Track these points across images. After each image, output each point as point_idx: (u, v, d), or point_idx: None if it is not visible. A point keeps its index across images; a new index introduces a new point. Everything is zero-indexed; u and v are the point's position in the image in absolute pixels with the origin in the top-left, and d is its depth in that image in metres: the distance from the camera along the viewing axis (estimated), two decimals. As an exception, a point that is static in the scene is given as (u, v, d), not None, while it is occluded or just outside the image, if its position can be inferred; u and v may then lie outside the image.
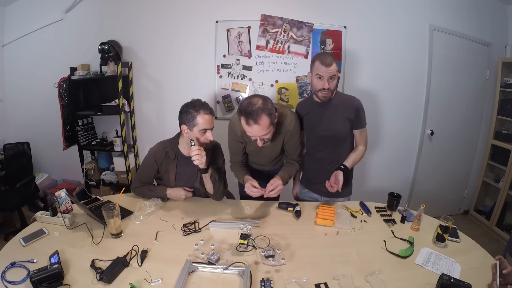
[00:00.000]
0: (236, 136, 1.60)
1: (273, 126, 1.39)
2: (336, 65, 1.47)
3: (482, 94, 2.80)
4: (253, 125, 1.30)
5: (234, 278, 1.07)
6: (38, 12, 2.73)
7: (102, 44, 2.44)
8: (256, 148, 1.57)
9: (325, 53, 1.53)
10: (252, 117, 1.28)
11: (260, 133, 1.34)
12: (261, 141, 1.40)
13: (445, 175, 2.96)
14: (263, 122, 1.29)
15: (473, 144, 2.96)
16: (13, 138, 2.85)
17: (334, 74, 1.46)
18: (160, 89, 2.71)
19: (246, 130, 1.37)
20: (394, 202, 1.54)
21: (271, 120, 1.33)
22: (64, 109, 2.65)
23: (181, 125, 1.48)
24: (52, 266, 1.01)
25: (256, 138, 1.38)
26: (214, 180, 1.53)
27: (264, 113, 1.29)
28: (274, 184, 1.45)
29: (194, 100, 1.47)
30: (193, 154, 1.38)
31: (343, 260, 1.17)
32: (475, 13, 2.56)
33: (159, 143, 1.66)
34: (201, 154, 1.39)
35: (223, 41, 2.52)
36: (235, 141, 1.63)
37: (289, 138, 1.57)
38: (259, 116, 1.28)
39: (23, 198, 2.52)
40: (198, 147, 1.40)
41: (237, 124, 1.52)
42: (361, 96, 1.64)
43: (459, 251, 1.23)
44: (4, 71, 2.97)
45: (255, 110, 1.28)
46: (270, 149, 1.63)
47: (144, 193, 1.66)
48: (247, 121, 1.31)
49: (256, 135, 1.36)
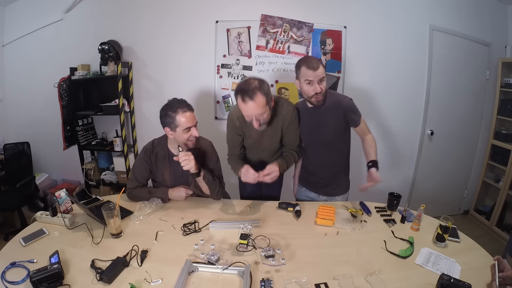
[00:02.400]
0: (234, 128, 1.61)
1: (269, 108, 1.41)
2: (323, 67, 1.43)
3: (482, 94, 2.80)
4: (249, 102, 1.33)
5: (234, 278, 1.07)
6: (38, 12, 2.73)
7: (102, 44, 2.44)
8: (255, 141, 1.57)
9: (309, 57, 1.47)
10: (248, 94, 1.32)
11: (256, 111, 1.36)
12: (257, 122, 1.41)
13: (445, 175, 2.96)
14: (258, 99, 1.33)
15: (473, 144, 2.96)
16: (13, 138, 2.86)
17: (322, 76, 1.41)
18: (160, 89, 2.71)
19: (242, 109, 1.39)
20: (394, 202, 1.54)
21: (267, 100, 1.36)
22: (64, 109, 2.65)
23: (164, 128, 1.49)
24: (52, 266, 1.01)
25: (252, 118, 1.40)
26: (208, 181, 1.54)
27: (259, 92, 1.33)
28: (270, 169, 1.44)
29: (170, 101, 1.47)
30: (181, 161, 1.39)
31: (343, 260, 1.17)
32: (475, 13, 2.56)
33: (151, 141, 1.66)
34: (189, 159, 1.39)
35: (223, 41, 2.52)
36: (234, 133, 1.64)
37: (288, 127, 1.58)
38: (255, 94, 1.32)
39: (23, 198, 2.52)
40: (185, 152, 1.40)
41: (236, 116, 1.57)
42: (361, 96, 1.65)
43: (459, 251, 1.23)
44: (4, 71, 2.97)
45: (251, 89, 1.33)
46: (269, 141, 1.63)
47: (141, 196, 1.61)
48: (243, 98, 1.34)
49: (251, 114, 1.38)
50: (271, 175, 1.44)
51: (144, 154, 1.63)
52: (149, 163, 1.63)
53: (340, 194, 1.73)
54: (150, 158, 1.62)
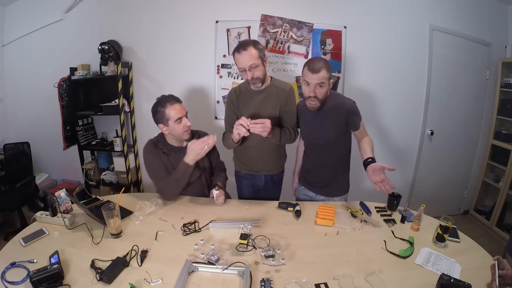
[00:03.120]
0: (232, 106, 1.70)
1: (262, 62, 1.52)
2: (327, 72, 1.37)
3: (482, 94, 2.80)
4: (242, 52, 1.46)
5: (234, 278, 1.07)
6: (38, 12, 2.73)
7: (102, 44, 2.44)
8: (253, 114, 1.58)
9: (316, 58, 1.45)
10: (242, 46, 1.47)
11: (249, 61, 1.46)
12: (250, 73, 1.50)
13: (445, 175, 2.96)
14: (251, 51, 1.46)
15: (473, 144, 2.96)
16: (13, 138, 2.86)
17: (322, 81, 1.38)
18: (160, 89, 2.70)
19: (237, 60, 1.50)
20: (394, 202, 1.54)
21: (260, 53, 1.49)
22: (64, 109, 2.65)
23: (158, 125, 1.56)
24: (52, 266, 1.01)
25: (245, 68, 1.49)
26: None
27: (252, 45, 1.48)
28: (262, 120, 1.42)
29: (158, 99, 1.56)
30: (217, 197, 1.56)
31: (343, 260, 1.17)
32: (475, 13, 2.56)
33: (148, 142, 1.65)
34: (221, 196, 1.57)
35: (223, 41, 2.52)
36: (231, 111, 1.71)
37: (286, 101, 1.62)
38: (248, 46, 1.47)
39: (23, 198, 2.52)
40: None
41: (234, 90, 1.71)
42: (361, 95, 1.65)
43: (459, 251, 1.23)
44: (4, 71, 2.96)
45: (246, 43, 1.49)
46: (267, 116, 1.56)
47: (172, 185, 1.57)
48: (237, 50, 1.48)
49: (245, 63, 1.47)
50: (261, 124, 1.41)
51: (150, 149, 1.60)
52: (158, 155, 1.61)
53: (339, 195, 1.73)
54: (158, 154, 1.61)
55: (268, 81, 1.64)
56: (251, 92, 1.64)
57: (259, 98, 1.63)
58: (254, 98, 1.63)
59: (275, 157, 1.77)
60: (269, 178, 1.81)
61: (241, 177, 1.86)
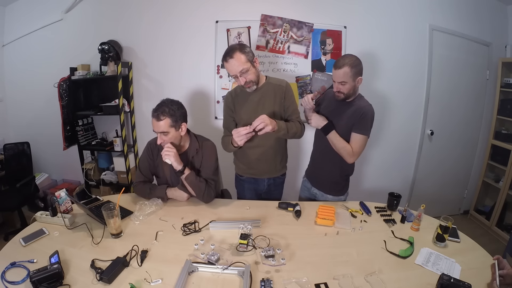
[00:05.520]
0: (229, 110, 1.71)
1: (252, 65, 1.51)
2: (350, 68, 1.43)
3: (482, 94, 2.80)
4: (229, 60, 1.46)
5: (234, 278, 1.07)
6: (38, 12, 2.73)
7: (102, 44, 2.44)
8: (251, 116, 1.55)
9: (346, 55, 1.51)
10: (228, 54, 1.47)
11: (237, 67, 1.46)
12: (243, 78, 1.50)
13: (445, 175, 2.96)
14: (238, 56, 1.45)
15: (473, 144, 2.96)
16: (13, 138, 2.85)
17: (342, 80, 1.46)
18: (160, 89, 2.70)
19: (227, 68, 1.51)
20: (394, 202, 1.54)
21: (247, 57, 1.48)
22: (64, 109, 2.65)
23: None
24: (52, 266, 1.01)
25: (237, 76, 1.49)
26: (191, 182, 1.55)
27: (238, 51, 1.46)
28: (260, 118, 1.43)
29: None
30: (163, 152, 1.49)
31: (343, 260, 1.17)
32: (475, 13, 2.56)
33: (149, 141, 1.72)
34: (169, 152, 1.48)
35: (223, 41, 2.51)
36: (228, 116, 1.73)
37: (285, 97, 1.63)
38: (234, 52, 1.46)
39: (23, 198, 2.52)
40: (169, 145, 1.49)
41: (229, 93, 1.72)
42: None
43: (459, 251, 1.24)
44: (4, 71, 2.96)
45: (231, 49, 1.48)
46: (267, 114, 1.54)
47: (144, 192, 1.66)
48: (225, 58, 1.49)
49: (235, 70, 1.47)
50: (261, 120, 1.42)
51: (147, 148, 1.69)
52: (152, 157, 1.67)
53: (338, 195, 1.73)
54: (152, 153, 1.67)
55: (263, 80, 1.65)
56: (247, 93, 1.63)
57: (255, 98, 1.62)
58: (250, 98, 1.63)
59: (277, 157, 1.76)
60: (272, 181, 1.81)
61: (243, 181, 1.83)
